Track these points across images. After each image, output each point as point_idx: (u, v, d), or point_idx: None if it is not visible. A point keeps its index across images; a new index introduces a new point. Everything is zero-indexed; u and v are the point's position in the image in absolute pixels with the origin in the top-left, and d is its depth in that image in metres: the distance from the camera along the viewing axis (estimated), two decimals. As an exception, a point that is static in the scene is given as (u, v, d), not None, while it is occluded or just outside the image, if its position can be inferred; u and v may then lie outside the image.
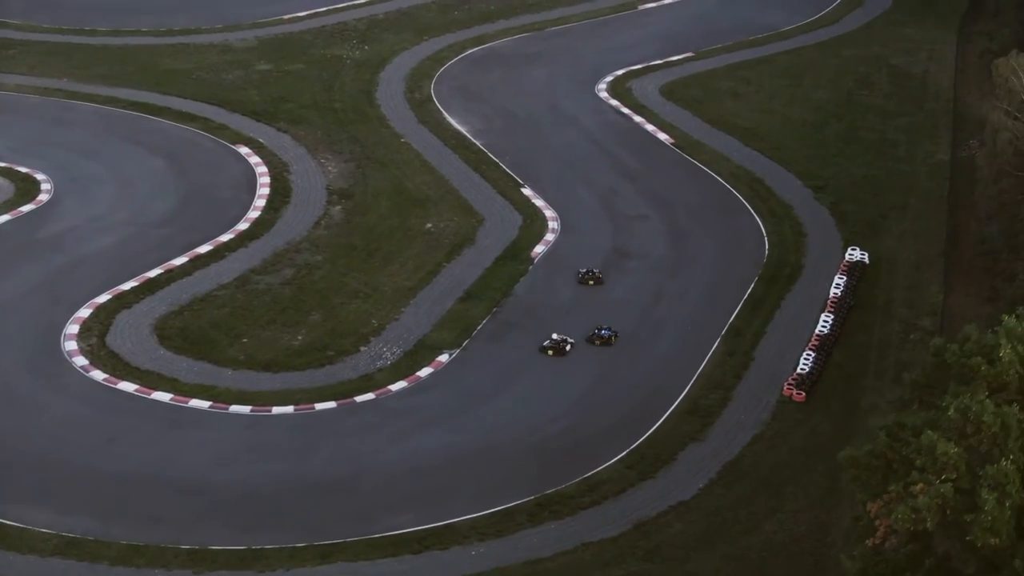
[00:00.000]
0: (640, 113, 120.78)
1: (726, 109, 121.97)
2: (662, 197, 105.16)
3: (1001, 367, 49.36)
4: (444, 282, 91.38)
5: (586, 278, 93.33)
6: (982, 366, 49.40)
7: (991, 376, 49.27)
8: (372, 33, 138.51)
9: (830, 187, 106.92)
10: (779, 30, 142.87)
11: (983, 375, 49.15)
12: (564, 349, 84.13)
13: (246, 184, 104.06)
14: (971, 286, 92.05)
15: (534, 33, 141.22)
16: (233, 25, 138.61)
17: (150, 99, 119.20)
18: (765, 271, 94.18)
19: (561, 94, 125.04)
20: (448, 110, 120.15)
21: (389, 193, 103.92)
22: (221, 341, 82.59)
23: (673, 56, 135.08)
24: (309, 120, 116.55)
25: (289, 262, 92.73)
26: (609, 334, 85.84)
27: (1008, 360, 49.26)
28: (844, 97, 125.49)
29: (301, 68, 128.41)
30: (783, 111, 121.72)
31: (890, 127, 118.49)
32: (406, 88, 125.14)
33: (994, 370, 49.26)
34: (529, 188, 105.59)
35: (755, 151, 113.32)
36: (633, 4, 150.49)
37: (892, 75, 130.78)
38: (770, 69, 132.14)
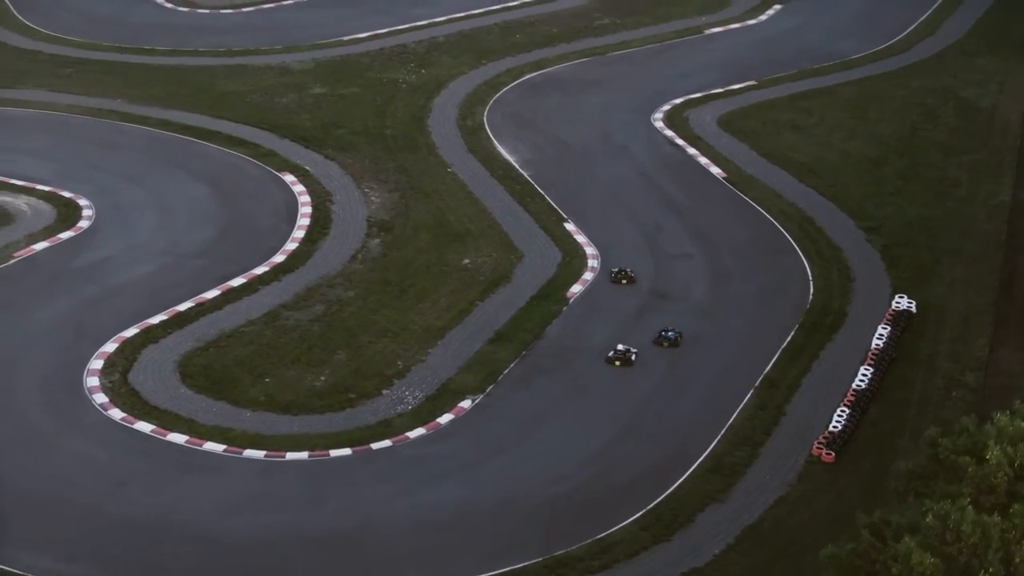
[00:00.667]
0: (695, 145, 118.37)
1: (784, 142, 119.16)
2: (708, 235, 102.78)
3: (989, 469, 46.76)
4: (475, 322, 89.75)
5: (619, 277, 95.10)
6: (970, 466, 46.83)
7: (979, 477, 46.70)
8: (431, 56, 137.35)
9: (884, 228, 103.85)
10: (847, 58, 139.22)
11: (970, 476, 46.59)
12: (630, 359, 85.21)
13: (287, 214, 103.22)
14: (1022, 339, 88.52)
15: (595, 58, 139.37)
16: (292, 46, 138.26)
17: (202, 122, 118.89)
18: (807, 318, 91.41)
19: (616, 123, 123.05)
20: (499, 138, 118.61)
21: (430, 226, 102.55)
22: (243, 380, 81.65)
23: (735, 84, 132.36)
24: (358, 147, 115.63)
25: (321, 297, 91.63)
26: (676, 335, 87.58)
27: (996, 462, 46.66)
28: (908, 131, 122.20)
29: (356, 92, 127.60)
30: (842, 145, 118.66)
31: (952, 164, 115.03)
32: (459, 115, 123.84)
33: (982, 471, 46.67)
34: (573, 223, 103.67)
35: (809, 187, 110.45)
36: (699, 29, 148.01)
37: (959, 108, 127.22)
38: (834, 100, 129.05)
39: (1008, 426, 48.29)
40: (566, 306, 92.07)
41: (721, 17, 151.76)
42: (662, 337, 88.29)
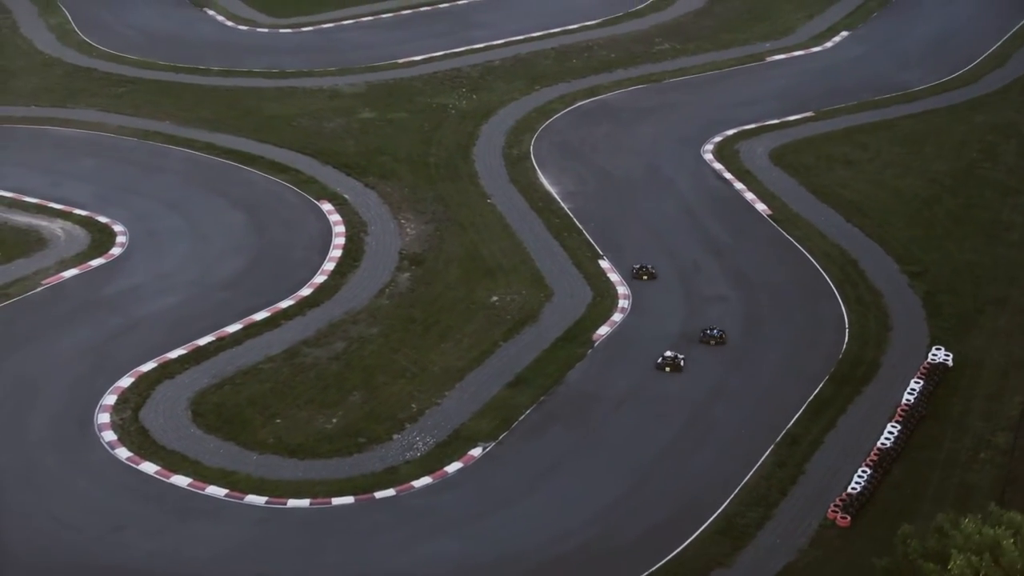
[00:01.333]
0: (742, 179, 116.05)
1: (835, 178, 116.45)
2: (746, 276, 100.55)
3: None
4: (496, 364, 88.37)
5: (639, 273, 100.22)
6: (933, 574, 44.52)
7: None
8: (484, 81, 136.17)
9: (928, 273, 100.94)
10: (910, 90, 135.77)
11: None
12: (679, 365, 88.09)
13: (320, 244, 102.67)
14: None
15: (650, 85, 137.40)
16: (345, 68, 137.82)
17: (246, 147, 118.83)
18: (838, 368, 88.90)
19: (664, 154, 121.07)
20: (543, 168, 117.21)
21: (462, 260, 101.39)
22: (254, 421, 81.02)
23: (791, 115, 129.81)
24: (399, 175, 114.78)
25: (343, 334, 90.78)
26: (720, 332, 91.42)
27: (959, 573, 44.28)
28: (964, 169, 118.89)
29: (404, 117, 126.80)
30: (895, 183, 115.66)
31: (1007, 206, 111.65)
32: (505, 143, 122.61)
33: (944, 581, 44.41)
34: (608, 260, 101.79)
35: (856, 227, 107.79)
36: (760, 56, 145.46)
37: (1022, 146, 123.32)
38: (891, 134, 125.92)
39: (975, 533, 45.85)
40: (591, 349, 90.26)
41: (784, 44, 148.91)
42: (707, 336, 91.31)
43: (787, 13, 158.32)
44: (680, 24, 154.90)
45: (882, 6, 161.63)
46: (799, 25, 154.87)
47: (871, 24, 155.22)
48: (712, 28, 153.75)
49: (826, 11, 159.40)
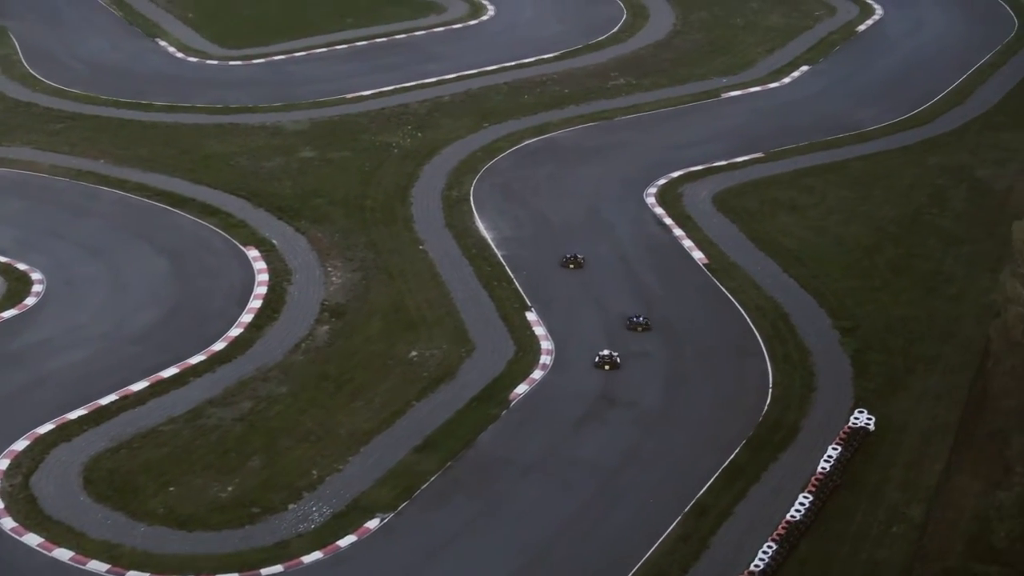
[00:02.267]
0: (683, 225, 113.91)
1: (777, 225, 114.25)
2: (674, 331, 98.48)
3: None
4: (406, 425, 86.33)
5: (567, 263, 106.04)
6: None
7: None
8: (431, 118, 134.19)
9: (861, 329, 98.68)
10: (864, 130, 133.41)
11: None
12: (616, 362, 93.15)
13: (240, 294, 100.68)
14: (981, 466, 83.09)
15: (602, 123, 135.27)
16: (291, 104, 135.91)
17: (179, 188, 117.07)
18: (757, 433, 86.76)
19: (606, 197, 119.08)
20: (481, 212, 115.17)
21: (385, 311, 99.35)
22: (147, 489, 78.93)
23: (740, 156, 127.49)
24: (333, 219, 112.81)
25: (251, 393, 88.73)
26: (646, 319, 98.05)
27: None
28: (911, 216, 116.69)
29: (345, 156, 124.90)
30: (838, 230, 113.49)
31: (950, 257, 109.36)
32: (446, 184, 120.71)
33: None
34: (535, 312, 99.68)
35: (792, 278, 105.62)
36: (716, 92, 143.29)
37: (972, 191, 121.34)
38: (840, 177, 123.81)
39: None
40: (506, 410, 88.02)
41: (741, 79, 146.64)
42: (634, 323, 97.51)
43: (748, 46, 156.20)
44: (639, 57, 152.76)
45: (846, 39, 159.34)
46: (759, 59, 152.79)
47: (833, 58, 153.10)
48: (671, 62, 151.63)
49: (788, 44, 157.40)
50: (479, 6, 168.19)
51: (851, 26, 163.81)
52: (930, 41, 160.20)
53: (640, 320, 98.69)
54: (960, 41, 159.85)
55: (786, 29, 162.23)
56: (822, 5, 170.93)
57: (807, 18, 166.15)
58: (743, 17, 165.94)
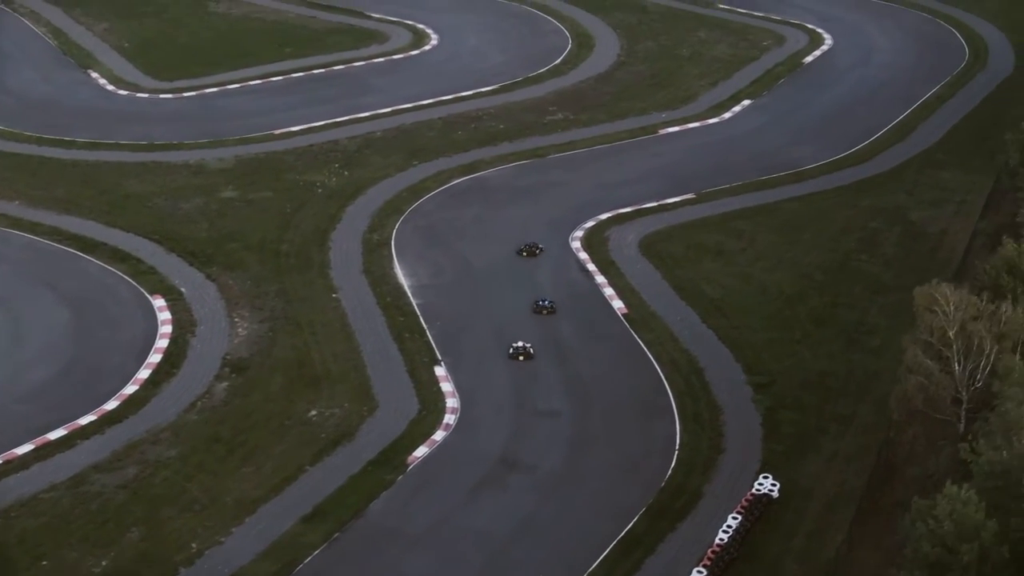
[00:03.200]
0: (605, 272, 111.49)
1: (702, 271, 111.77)
2: (585, 387, 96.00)
3: None
4: (297, 492, 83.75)
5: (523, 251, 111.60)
6: None
7: None
8: (360, 155, 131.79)
9: (776, 385, 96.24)
10: (800, 168, 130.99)
11: None
12: (530, 353, 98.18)
13: (141, 348, 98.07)
14: (883, 538, 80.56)
15: (534, 160, 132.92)
16: (217, 140, 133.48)
17: (93, 231, 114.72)
18: (658, 499, 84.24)
19: (531, 241, 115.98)
20: (401, 257, 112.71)
21: (289, 366, 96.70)
22: (19, 563, 76.46)
23: (672, 197, 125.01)
24: (246, 265, 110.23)
25: (139, 457, 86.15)
26: (551, 303, 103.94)
27: None
28: (839, 262, 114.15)
29: (267, 197, 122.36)
30: (763, 277, 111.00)
31: (875, 307, 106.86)
32: (368, 227, 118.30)
33: None
34: (445, 366, 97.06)
35: (711, 329, 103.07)
36: (653, 128, 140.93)
37: (905, 234, 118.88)
38: (770, 220, 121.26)
39: None
40: (402, 475, 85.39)
41: (681, 114, 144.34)
42: (540, 306, 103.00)
43: (692, 79, 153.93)
44: (579, 91, 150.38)
45: (792, 71, 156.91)
46: (702, 92, 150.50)
47: (776, 92, 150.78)
48: (611, 95, 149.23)
49: (732, 76, 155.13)
50: (422, 35, 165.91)
51: (798, 57, 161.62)
52: (878, 72, 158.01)
53: (546, 304, 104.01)
54: (909, 72, 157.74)
55: (732, 60, 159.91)
56: (771, 34, 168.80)
57: (754, 48, 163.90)
58: (690, 47, 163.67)
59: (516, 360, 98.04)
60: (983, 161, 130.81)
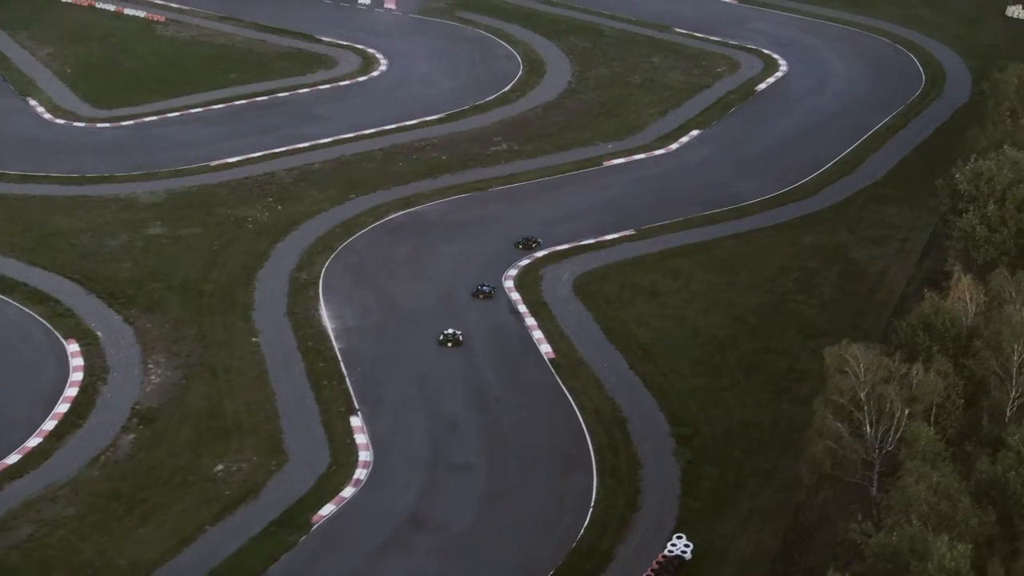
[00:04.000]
0: (536, 313, 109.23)
1: (634, 313, 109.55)
2: (503, 438, 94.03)
3: None
4: (193, 555, 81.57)
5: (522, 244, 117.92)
6: None
7: None
8: (296, 188, 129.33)
9: (699, 436, 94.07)
10: (743, 203, 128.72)
11: None
12: (459, 340, 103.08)
13: (49, 396, 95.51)
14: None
15: (476, 193, 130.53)
16: (150, 173, 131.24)
17: (12, 270, 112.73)
18: (567, 561, 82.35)
19: (464, 280, 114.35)
20: (328, 297, 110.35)
21: (199, 417, 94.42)
22: None
23: (611, 233, 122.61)
24: (167, 307, 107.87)
25: (35, 515, 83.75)
26: (491, 288, 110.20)
27: None
28: (774, 304, 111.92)
29: (196, 233, 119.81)
30: (695, 319, 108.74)
31: (807, 352, 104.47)
32: (296, 265, 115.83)
33: None
34: (362, 416, 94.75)
35: (637, 376, 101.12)
36: (598, 160, 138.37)
37: (844, 275, 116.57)
38: (708, 258, 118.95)
39: None
40: (306, 536, 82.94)
41: (627, 145, 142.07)
42: (479, 291, 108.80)
43: (642, 107, 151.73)
44: (526, 120, 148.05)
45: (743, 99, 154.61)
46: (650, 122, 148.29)
47: (726, 122, 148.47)
48: (558, 125, 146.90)
49: (683, 105, 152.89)
50: (372, 60, 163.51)
51: (751, 84, 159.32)
52: (831, 101, 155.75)
53: (484, 288, 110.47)
54: (862, 100, 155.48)
55: (684, 88, 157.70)
56: (725, 60, 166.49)
57: (707, 75, 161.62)
58: (642, 74, 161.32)
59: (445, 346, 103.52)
60: (929, 196, 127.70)
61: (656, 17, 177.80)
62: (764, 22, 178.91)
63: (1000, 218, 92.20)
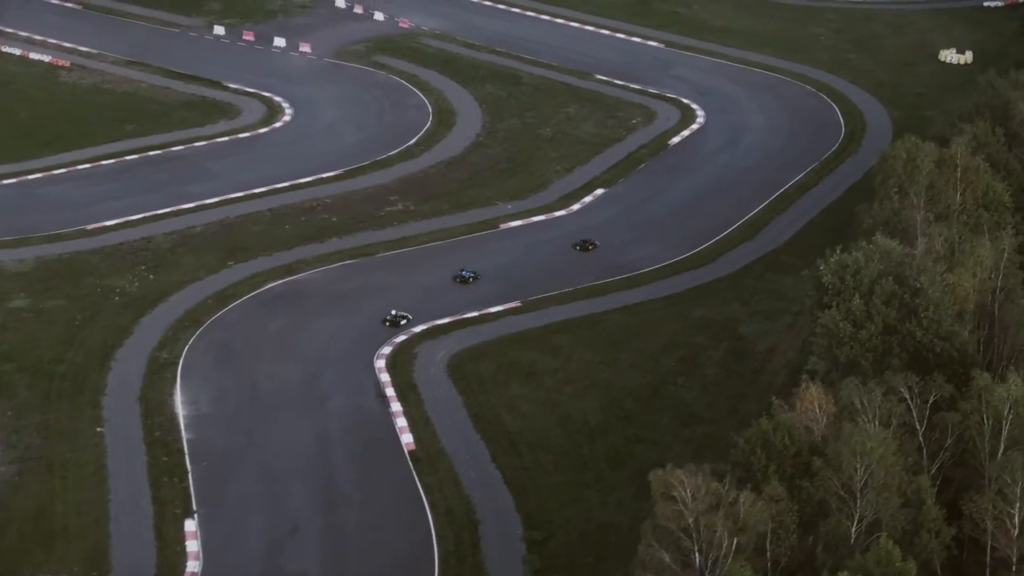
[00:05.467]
0: (404, 397, 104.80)
1: (506, 397, 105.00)
2: (345, 544, 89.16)
3: None
4: None
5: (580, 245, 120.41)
6: None
7: None
8: (172, 255, 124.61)
9: (552, 541, 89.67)
10: (636, 272, 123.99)
11: None
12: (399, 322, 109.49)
13: None
14: None
15: (362, 260, 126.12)
16: (23, 239, 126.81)
17: None
18: None
19: (334, 358, 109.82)
20: (185, 380, 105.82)
21: (26, 519, 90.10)
22: None
23: (496, 305, 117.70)
24: (14, 391, 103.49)
25: None
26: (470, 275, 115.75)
27: None
28: (654, 386, 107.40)
29: (59, 306, 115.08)
30: (569, 405, 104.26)
31: (679, 442, 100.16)
32: (159, 342, 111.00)
33: None
34: (199, 518, 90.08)
35: (499, 470, 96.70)
36: (495, 222, 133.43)
37: (730, 353, 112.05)
38: (592, 334, 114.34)
39: None
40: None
41: (528, 205, 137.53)
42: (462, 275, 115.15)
43: (548, 163, 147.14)
44: (427, 177, 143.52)
45: (655, 154, 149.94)
46: (556, 179, 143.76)
47: (633, 179, 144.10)
48: (460, 182, 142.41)
49: (591, 161, 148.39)
50: (277, 109, 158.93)
51: (665, 138, 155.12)
52: (745, 155, 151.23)
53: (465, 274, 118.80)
54: (777, 155, 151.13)
55: (595, 141, 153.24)
56: (642, 111, 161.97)
57: (622, 127, 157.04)
58: (554, 126, 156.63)
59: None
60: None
61: (579, 62, 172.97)
62: (689, 68, 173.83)
63: (866, 314, 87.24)
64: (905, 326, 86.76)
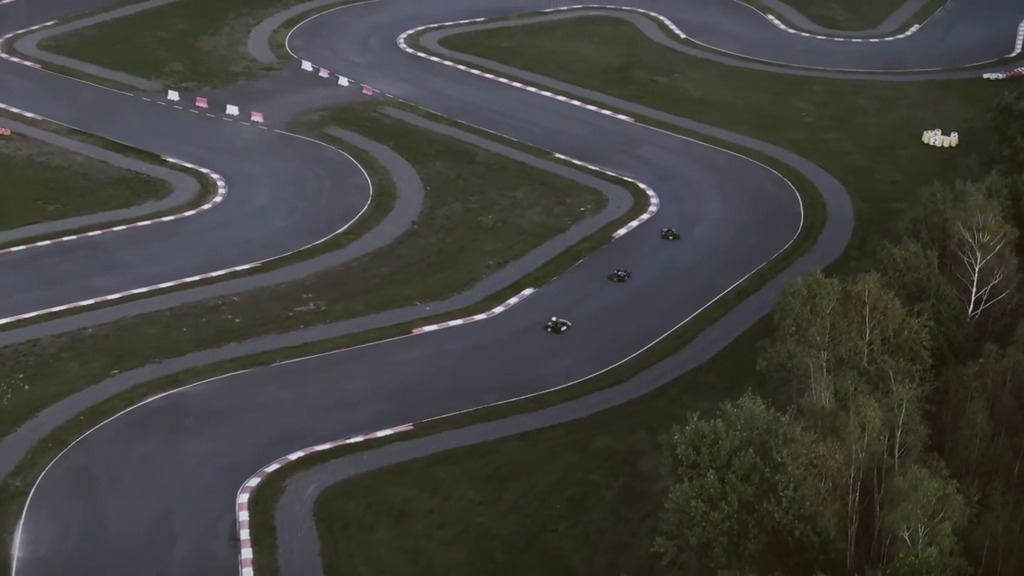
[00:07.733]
0: (258, 542, 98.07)
1: (370, 543, 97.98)
2: None
3: None
4: None
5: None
6: None
7: None
8: (56, 361, 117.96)
9: None
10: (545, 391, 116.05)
11: None
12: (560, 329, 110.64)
13: None
14: None
15: (255, 370, 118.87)
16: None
17: None
18: None
19: (196, 491, 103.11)
20: (32, 514, 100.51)
21: None
22: None
23: (386, 428, 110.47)
24: None
25: None
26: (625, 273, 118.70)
27: None
28: (533, 534, 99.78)
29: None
30: (435, 554, 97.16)
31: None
32: (15, 467, 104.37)
33: None
34: None
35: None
36: (408, 327, 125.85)
37: (624, 494, 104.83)
38: (480, 466, 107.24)
39: None
40: None
41: (448, 307, 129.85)
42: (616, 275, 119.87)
43: (481, 257, 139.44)
44: (348, 271, 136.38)
45: (596, 248, 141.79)
46: (485, 275, 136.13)
47: (566, 278, 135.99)
48: (381, 278, 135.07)
49: (527, 255, 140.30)
50: (211, 187, 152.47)
51: (611, 229, 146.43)
52: (689, 252, 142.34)
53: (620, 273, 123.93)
54: (723, 253, 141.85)
55: (537, 231, 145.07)
56: (594, 196, 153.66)
57: (568, 215, 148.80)
58: (497, 212, 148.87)
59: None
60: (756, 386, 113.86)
61: (541, 137, 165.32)
62: (655, 147, 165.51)
63: (721, 491, 78.43)
64: (763, 505, 77.85)
